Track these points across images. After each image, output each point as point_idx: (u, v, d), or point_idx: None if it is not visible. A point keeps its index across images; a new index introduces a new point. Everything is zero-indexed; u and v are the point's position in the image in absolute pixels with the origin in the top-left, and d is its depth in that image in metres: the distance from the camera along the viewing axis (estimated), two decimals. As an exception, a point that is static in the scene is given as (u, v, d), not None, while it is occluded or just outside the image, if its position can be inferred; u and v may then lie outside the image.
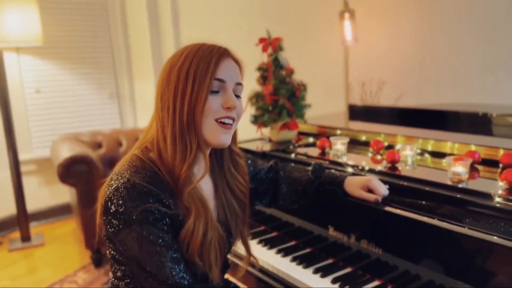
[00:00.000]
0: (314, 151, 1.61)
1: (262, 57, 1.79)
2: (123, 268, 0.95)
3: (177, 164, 0.92)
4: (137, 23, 3.83)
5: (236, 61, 1.00)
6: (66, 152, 2.77)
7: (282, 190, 1.28)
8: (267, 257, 1.36)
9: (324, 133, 1.84)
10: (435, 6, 2.41)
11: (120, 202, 0.87)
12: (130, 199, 0.86)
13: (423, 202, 1.12)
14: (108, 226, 0.90)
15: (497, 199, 1.01)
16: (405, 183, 1.19)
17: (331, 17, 2.72)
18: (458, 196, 1.07)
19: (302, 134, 1.91)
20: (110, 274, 1.01)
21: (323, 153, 1.56)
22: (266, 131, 1.88)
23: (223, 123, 0.95)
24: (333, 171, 1.27)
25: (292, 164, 1.33)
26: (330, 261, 1.30)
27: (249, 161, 1.26)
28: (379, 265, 1.16)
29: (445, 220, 1.00)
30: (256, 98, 1.78)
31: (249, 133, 1.97)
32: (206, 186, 1.04)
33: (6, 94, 3.08)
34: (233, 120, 0.97)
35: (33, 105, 3.64)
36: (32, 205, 3.54)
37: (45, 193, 3.74)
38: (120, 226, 0.87)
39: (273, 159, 1.35)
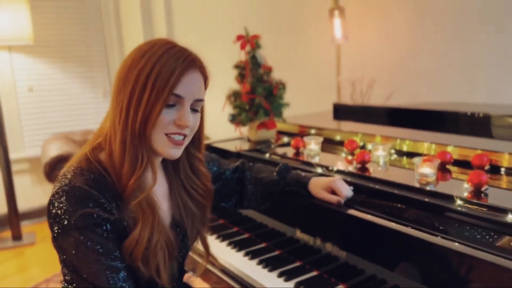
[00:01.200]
0: (291, 151, 1.57)
1: (240, 55, 1.76)
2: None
3: (124, 173, 0.88)
4: (131, 20, 3.81)
5: (203, 73, 0.95)
6: (54, 151, 2.76)
7: (248, 191, 1.25)
8: (234, 260, 1.33)
9: (303, 133, 1.81)
10: (428, 4, 2.36)
11: (59, 205, 0.84)
12: (69, 203, 0.83)
13: (389, 205, 1.09)
14: (50, 230, 0.87)
15: (459, 202, 0.97)
16: (372, 185, 1.15)
17: (322, 14, 2.68)
18: (423, 199, 1.03)
19: (282, 133, 1.87)
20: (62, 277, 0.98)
21: (297, 153, 1.53)
22: (245, 130, 1.85)
23: (172, 138, 0.91)
24: (299, 171, 1.23)
25: (260, 164, 1.30)
26: (297, 264, 1.26)
27: (213, 161, 1.22)
28: (346, 269, 1.12)
29: (407, 224, 0.97)
30: (234, 96, 1.75)
31: (229, 132, 1.94)
32: (159, 187, 1.01)
33: (-4, 92, 3.08)
34: (184, 136, 0.93)
35: (25, 104, 3.64)
36: (24, 204, 3.54)
37: (38, 192, 3.73)
38: (59, 231, 0.84)
39: (242, 159, 1.32)
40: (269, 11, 3.06)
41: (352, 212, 1.07)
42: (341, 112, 2.10)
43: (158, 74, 0.86)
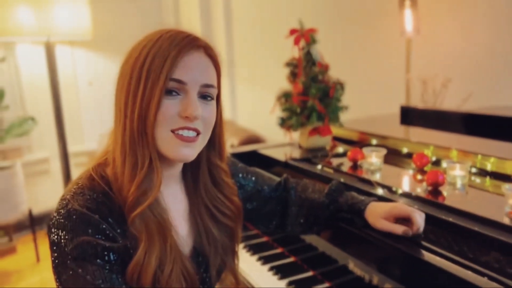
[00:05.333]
0: (347, 163, 1.35)
1: (293, 51, 1.56)
2: None
3: (125, 181, 0.74)
4: (189, 17, 3.73)
5: (210, 55, 0.78)
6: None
7: (292, 213, 1.06)
8: (275, 290, 1.15)
9: (364, 141, 1.57)
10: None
11: (57, 231, 0.71)
12: (65, 229, 0.70)
13: (467, 245, 0.85)
14: (50, 257, 0.74)
15: None
16: (444, 216, 0.91)
17: (390, 4, 2.40)
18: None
19: (339, 140, 1.65)
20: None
21: (354, 167, 1.31)
22: (297, 135, 1.65)
23: (180, 134, 0.75)
24: (354, 194, 1.01)
25: (306, 181, 1.10)
26: (348, 303, 1.05)
27: (249, 176, 1.04)
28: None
29: (489, 274, 0.73)
30: (285, 97, 1.55)
31: (281, 137, 1.76)
32: (177, 206, 0.85)
33: (57, 86, 3.11)
34: (197, 132, 0.76)
35: (85, 98, 3.69)
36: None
37: (96, 184, 3.78)
38: (57, 261, 0.71)
39: (285, 175, 1.12)
40: (327, 1, 2.81)
41: (415, 252, 0.85)
42: (410, 116, 1.83)
43: (152, 60, 0.72)
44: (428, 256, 0.83)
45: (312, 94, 1.46)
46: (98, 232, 0.70)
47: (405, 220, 0.90)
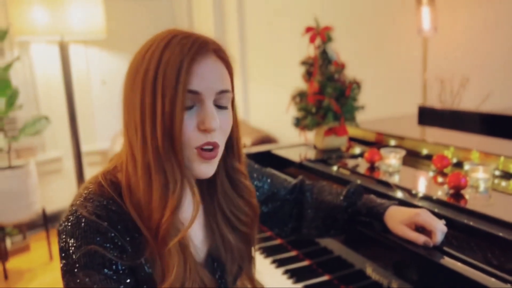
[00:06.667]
0: (364, 165, 1.32)
1: (309, 49, 1.53)
2: None
3: (154, 205, 0.69)
4: (203, 18, 3.71)
5: (222, 57, 0.74)
6: (119, 145, 2.73)
7: (308, 216, 1.02)
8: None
9: (381, 142, 1.54)
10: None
11: (66, 238, 0.69)
12: (73, 237, 0.68)
13: (491, 251, 0.81)
14: (60, 261, 0.72)
15: None
16: (466, 221, 0.87)
17: (407, 1, 2.35)
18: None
19: (355, 140, 1.61)
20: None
21: (371, 168, 1.27)
22: (312, 135, 1.62)
23: (204, 150, 0.71)
24: (373, 197, 0.98)
25: (323, 184, 1.07)
26: (366, 309, 1.02)
27: (264, 178, 1.01)
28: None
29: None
30: (300, 97, 1.52)
31: (296, 137, 1.72)
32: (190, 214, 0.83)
33: (71, 85, 3.12)
34: (215, 146, 0.72)
35: (98, 97, 3.70)
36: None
37: (108, 184, 3.79)
38: (65, 268, 0.69)
39: (301, 177, 1.09)
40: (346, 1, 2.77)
41: (436, 258, 0.81)
42: (428, 116, 1.78)
43: (165, 72, 0.67)
44: (449, 262, 0.79)
45: (328, 94, 1.43)
46: (106, 241, 0.68)
47: (425, 228, 0.86)
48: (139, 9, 3.71)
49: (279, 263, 1.26)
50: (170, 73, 0.67)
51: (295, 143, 1.68)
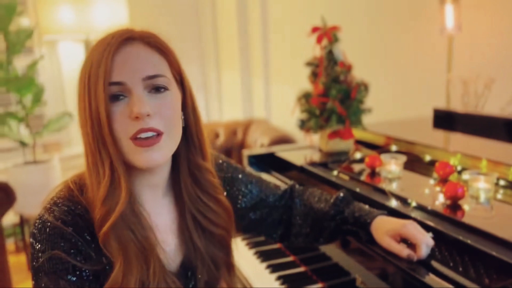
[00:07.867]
0: (365, 170, 1.27)
1: (315, 50, 1.49)
2: None
3: (94, 198, 0.71)
4: (226, 14, 3.71)
5: (152, 43, 0.74)
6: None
7: (296, 224, 0.99)
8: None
9: (390, 145, 1.48)
10: None
11: (33, 242, 0.70)
12: (40, 241, 0.69)
13: (486, 272, 0.75)
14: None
15: None
16: (461, 237, 0.82)
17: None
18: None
19: (363, 144, 1.56)
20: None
21: (372, 174, 1.22)
22: (317, 138, 1.58)
23: (139, 138, 0.69)
24: (362, 205, 0.94)
25: (313, 190, 1.03)
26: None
27: (253, 182, 0.99)
28: None
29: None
30: (305, 98, 1.49)
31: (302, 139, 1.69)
32: (165, 219, 0.81)
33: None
34: (156, 132, 0.70)
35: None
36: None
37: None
38: (32, 271, 0.70)
39: (293, 182, 1.06)
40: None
41: (422, 275, 0.76)
42: (444, 120, 1.70)
43: (91, 69, 0.69)
44: (433, 280, 0.75)
45: (332, 95, 1.38)
46: (71, 246, 0.68)
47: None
48: (163, 7, 3.75)
49: (274, 268, 1.24)
50: (94, 70, 0.69)
51: (302, 145, 1.65)
